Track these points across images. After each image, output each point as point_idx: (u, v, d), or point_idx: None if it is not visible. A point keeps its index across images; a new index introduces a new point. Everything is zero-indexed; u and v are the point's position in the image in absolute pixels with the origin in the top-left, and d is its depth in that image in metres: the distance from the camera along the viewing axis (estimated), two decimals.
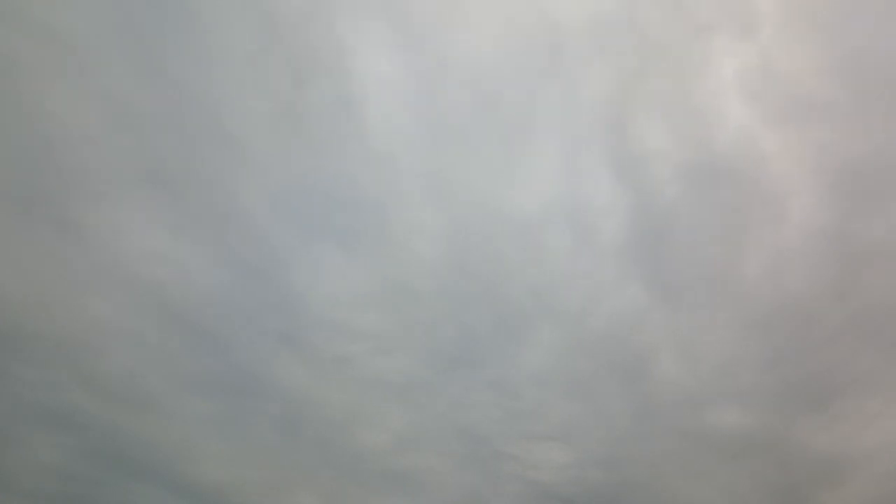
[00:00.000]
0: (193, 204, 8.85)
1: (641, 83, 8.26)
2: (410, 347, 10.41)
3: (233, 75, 8.08)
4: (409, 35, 8.38)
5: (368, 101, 8.49)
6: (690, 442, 11.49)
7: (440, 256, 9.53)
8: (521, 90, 8.53)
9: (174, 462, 10.73)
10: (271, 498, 11.58)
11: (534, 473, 12.28)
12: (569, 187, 8.98)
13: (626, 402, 11.22)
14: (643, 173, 8.91)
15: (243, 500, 11.46)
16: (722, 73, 8.37)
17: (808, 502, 11.95)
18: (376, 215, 9.19)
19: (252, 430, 10.79)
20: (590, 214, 9.15)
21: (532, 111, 8.62)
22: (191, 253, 9.23)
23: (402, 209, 9.17)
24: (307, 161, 8.74)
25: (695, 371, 10.74)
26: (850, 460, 11.41)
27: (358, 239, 9.33)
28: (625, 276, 9.70)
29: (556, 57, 8.21)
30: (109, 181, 8.46)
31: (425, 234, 9.33)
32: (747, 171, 9.08)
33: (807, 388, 10.79)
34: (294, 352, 10.26)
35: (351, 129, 8.54)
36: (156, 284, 9.35)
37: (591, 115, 8.50)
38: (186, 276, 9.36)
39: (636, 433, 11.53)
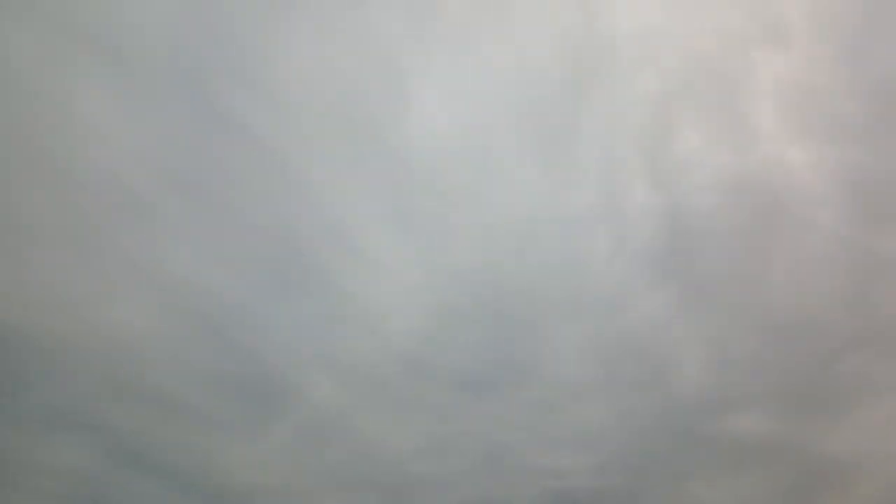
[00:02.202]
0: (239, 226, 8.92)
1: (684, 93, 8.55)
2: (442, 363, 10.55)
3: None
4: (456, 46, 8.56)
5: (419, 124, 8.71)
6: (709, 446, 11.76)
7: (478, 268, 9.70)
8: (565, 99, 8.75)
9: (203, 467, 10.63)
10: (300, 496, 11.52)
11: (552, 477, 12.42)
12: (607, 194, 9.21)
13: (648, 406, 11.46)
14: (679, 181, 9.19)
15: None
16: (759, 86, 8.70)
17: None
18: (419, 235, 9.35)
19: (281, 437, 10.77)
20: (626, 221, 9.40)
21: (575, 119, 8.85)
22: (231, 270, 9.28)
23: (443, 225, 9.33)
24: (360, 190, 8.93)
25: (716, 376, 11.03)
26: (863, 465, 11.79)
27: (401, 259, 9.49)
28: (656, 281, 9.96)
29: (602, 66, 8.44)
30: (156, 203, 8.51)
31: (465, 246, 9.50)
32: (777, 183, 9.42)
33: (823, 394, 11.15)
34: (329, 369, 10.34)
35: (404, 158, 8.76)
36: (194, 298, 9.36)
37: (633, 123, 8.76)
38: (226, 289, 9.38)
39: (656, 437, 11.77)
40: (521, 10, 8.39)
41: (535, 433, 11.79)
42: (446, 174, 9.19)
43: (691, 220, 9.52)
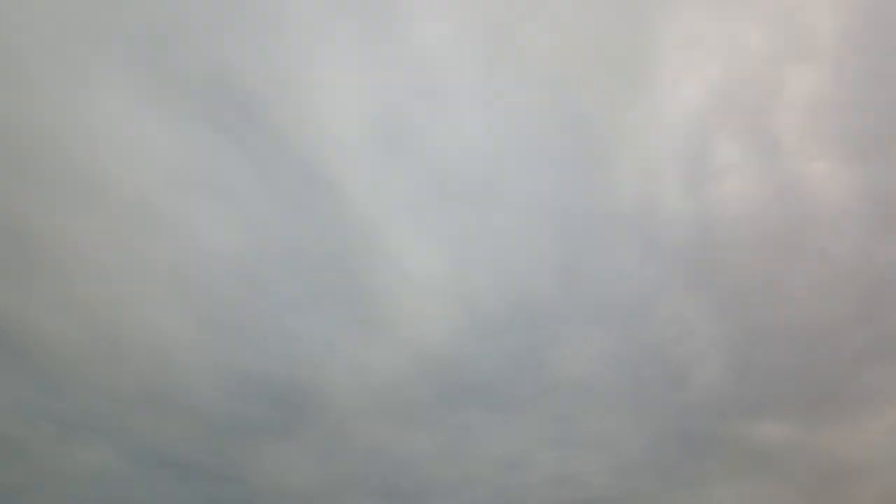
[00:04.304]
0: (274, 240, 9.05)
1: (721, 105, 8.80)
2: (466, 376, 10.74)
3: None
4: (498, 56, 8.73)
5: (460, 138, 8.97)
6: (728, 450, 12.00)
7: (510, 276, 9.90)
8: (606, 108, 8.94)
9: (232, 470, 10.66)
10: (325, 500, 11.58)
11: (570, 482, 12.55)
12: (642, 202, 9.45)
13: (668, 411, 11.67)
14: (712, 188, 9.44)
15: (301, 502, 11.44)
16: (790, 100, 8.99)
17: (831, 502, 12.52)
18: (453, 244, 9.55)
19: (309, 443, 10.83)
20: (658, 228, 9.63)
21: (614, 128, 9.04)
22: (265, 282, 9.41)
23: (477, 234, 9.52)
24: (396, 205, 9.20)
25: (737, 382, 11.28)
26: (877, 468, 12.09)
27: (434, 269, 9.71)
28: (683, 287, 10.21)
29: (644, 76, 8.65)
30: (194, 218, 8.59)
31: (497, 254, 9.70)
32: (803, 194, 9.71)
33: (840, 401, 11.45)
34: (356, 379, 10.50)
35: (443, 173, 9.06)
36: (227, 308, 9.45)
37: (670, 133, 8.99)
38: (260, 301, 9.50)
39: (675, 442, 11.97)
40: (563, 21, 8.57)
41: (555, 440, 11.93)
42: (482, 185, 9.36)
43: (721, 228, 9.79)
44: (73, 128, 8.25)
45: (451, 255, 10.00)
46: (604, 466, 12.46)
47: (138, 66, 7.71)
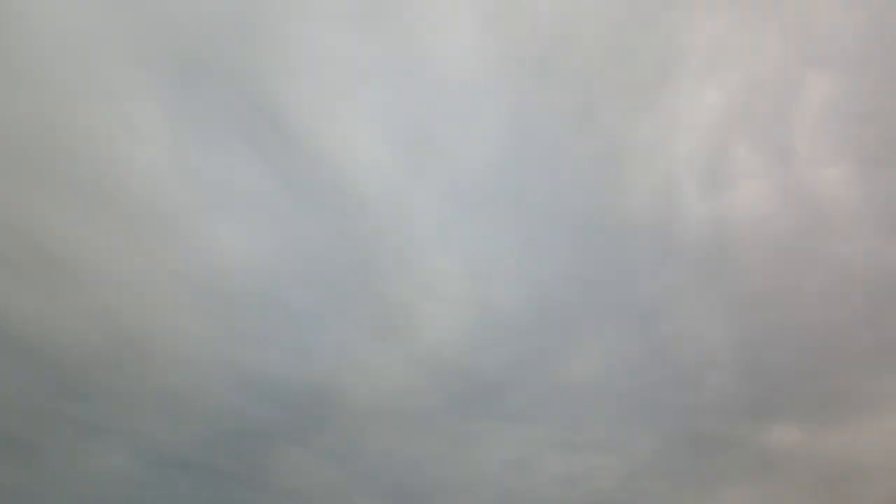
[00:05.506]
0: (292, 240, 9.16)
1: (741, 108, 8.86)
2: (476, 385, 10.87)
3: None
4: (513, 58, 8.79)
5: (477, 140, 9.08)
6: (737, 452, 12.09)
7: (522, 276, 9.98)
8: (623, 107, 9.00)
9: (256, 471, 10.81)
10: (339, 500, 11.71)
11: (577, 481, 12.66)
12: (659, 204, 9.52)
13: (677, 412, 11.75)
14: (731, 193, 9.51)
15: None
16: (808, 106, 9.03)
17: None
18: (468, 245, 9.64)
19: (323, 445, 10.96)
20: (675, 231, 9.71)
21: (632, 128, 9.10)
22: (282, 285, 9.59)
23: (492, 233, 9.63)
24: (414, 208, 9.33)
25: (746, 383, 11.36)
26: (880, 467, 12.16)
27: (449, 272, 9.77)
28: (697, 290, 10.28)
29: (665, 77, 8.70)
30: (212, 217, 8.75)
31: (511, 254, 9.79)
32: (818, 199, 9.76)
33: (844, 402, 11.53)
34: (369, 384, 10.64)
35: (461, 174, 9.15)
36: (245, 310, 9.61)
37: (689, 137, 9.05)
38: (279, 302, 9.65)
39: (683, 443, 12.05)
40: (585, 33, 8.60)
41: (566, 443, 12.01)
42: (502, 195, 9.47)
43: (734, 232, 9.87)
44: (109, 147, 8.42)
45: (469, 265, 10.11)
46: (614, 469, 12.56)
47: (181, 93, 7.89)
